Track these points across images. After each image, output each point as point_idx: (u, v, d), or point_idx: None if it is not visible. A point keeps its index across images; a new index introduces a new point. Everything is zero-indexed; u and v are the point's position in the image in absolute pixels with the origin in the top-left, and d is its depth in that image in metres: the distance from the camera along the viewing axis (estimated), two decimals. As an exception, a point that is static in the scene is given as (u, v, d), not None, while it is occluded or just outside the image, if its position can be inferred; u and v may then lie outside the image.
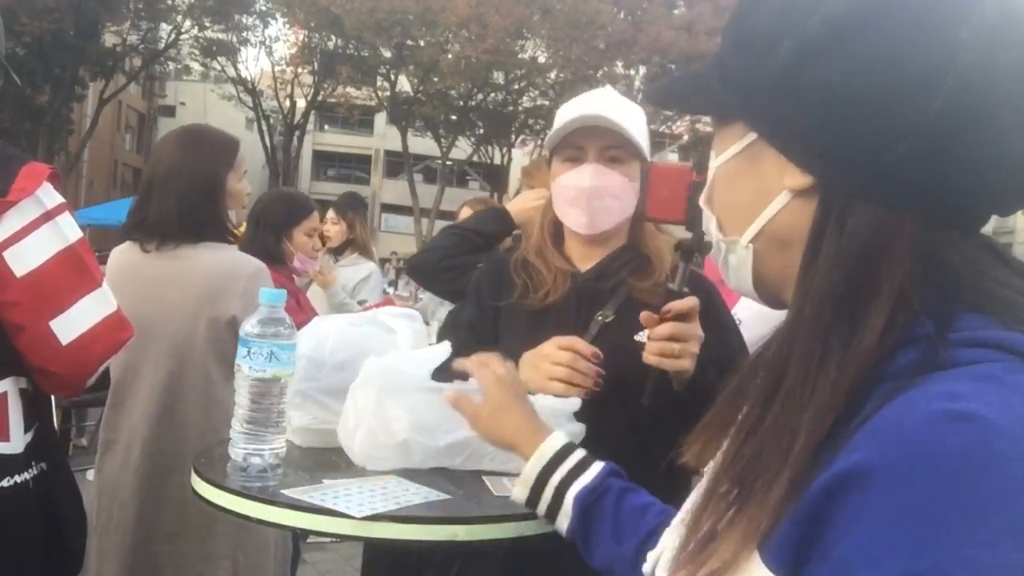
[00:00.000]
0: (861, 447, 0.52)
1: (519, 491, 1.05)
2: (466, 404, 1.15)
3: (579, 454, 1.04)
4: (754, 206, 0.67)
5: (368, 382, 1.29)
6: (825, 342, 0.59)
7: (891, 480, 0.49)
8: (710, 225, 0.74)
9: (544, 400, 1.32)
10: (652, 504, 1.00)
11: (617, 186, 1.63)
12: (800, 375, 0.59)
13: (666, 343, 1.38)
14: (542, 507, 1.03)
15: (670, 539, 0.74)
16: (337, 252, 4.38)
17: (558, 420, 1.27)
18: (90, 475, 4.83)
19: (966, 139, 0.57)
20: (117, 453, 2.10)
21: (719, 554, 0.59)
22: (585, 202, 1.62)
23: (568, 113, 1.66)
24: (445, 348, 1.36)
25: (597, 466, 1.03)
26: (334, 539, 2.28)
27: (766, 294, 0.71)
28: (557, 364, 1.45)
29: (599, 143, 1.62)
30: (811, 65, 0.60)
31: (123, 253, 2.18)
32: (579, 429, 1.29)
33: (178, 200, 2.05)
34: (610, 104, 1.65)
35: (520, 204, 2.36)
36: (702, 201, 0.75)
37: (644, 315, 1.40)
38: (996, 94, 0.56)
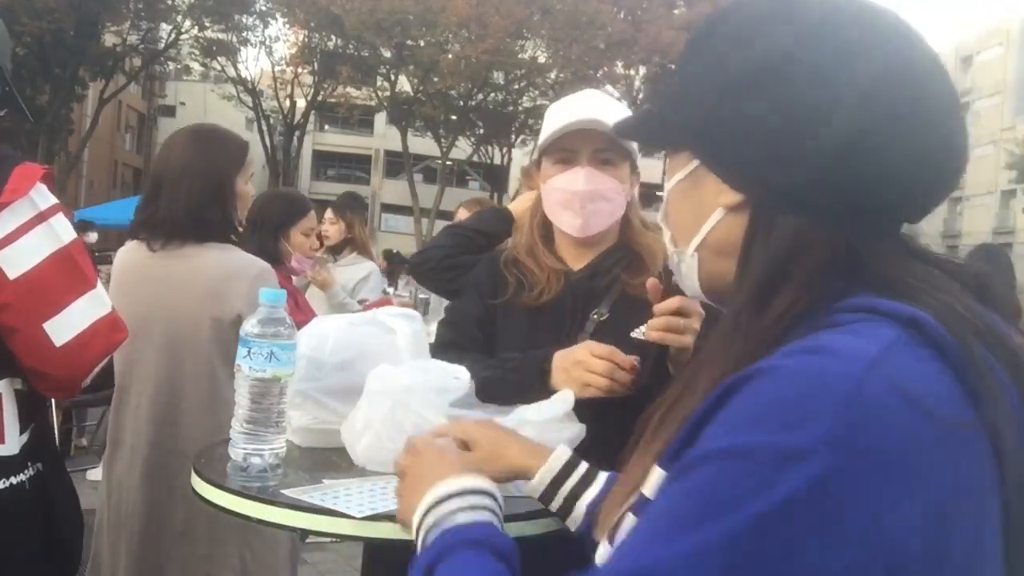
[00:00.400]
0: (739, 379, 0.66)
1: (534, 486, 1.09)
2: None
3: (584, 467, 1.10)
4: (697, 221, 0.80)
5: (386, 393, 1.28)
6: (737, 321, 0.73)
7: (747, 389, 0.64)
8: (665, 238, 0.87)
9: (537, 407, 1.31)
10: None
11: (610, 189, 1.63)
12: (713, 348, 0.74)
13: (672, 317, 1.39)
14: (553, 509, 1.09)
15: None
16: (335, 252, 4.38)
17: (555, 425, 1.27)
18: (90, 475, 4.86)
19: (858, 162, 0.70)
20: (124, 453, 2.10)
21: (631, 476, 0.76)
22: (579, 205, 1.63)
23: (559, 115, 1.66)
24: (464, 375, 1.34)
25: (602, 476, 1.09)
26: (334, 539, 2.28)
27: (712, 295, 0.84)
28: (593, 372, 1.45)
29: (591, 145, 1.62)
30: (737, 103, 0.74)
31: (129, 253, 2.18)
32: (579, 429, 1.29)
33: (188, 199, 2.05)
34: (601, 106, 1.65)
35: (521, 204, 2.37)
36: (659, 218, 0.90)
37: (651, 282, 1.42)
38: (879, 127, 0.70)
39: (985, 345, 0.67)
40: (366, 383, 1.31)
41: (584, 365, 1.46)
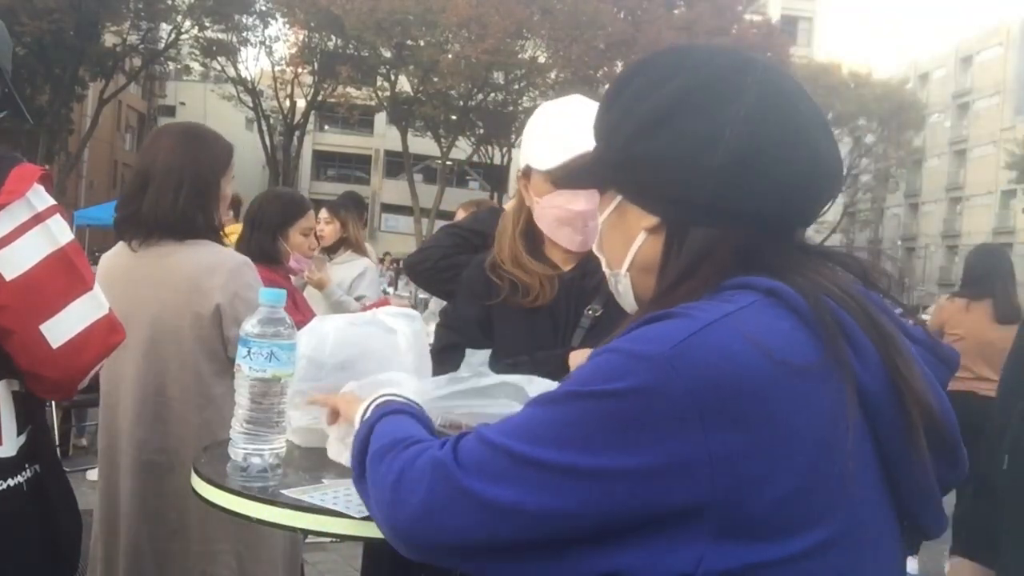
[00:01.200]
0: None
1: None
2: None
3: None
4: (625, 245, 0.94)
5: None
6: (647, 307, 0.88)
7: (619, 343, 0.78)
8: (603, 264, 1.01)
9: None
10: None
11: None
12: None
13: None
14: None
15: None
16: (330, 251, 4.39)
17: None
18: (90, 475, 4.84)
19: (746, 178, 0.84)
20: (114, 455, 2.11)
21: None
22: (581, 224, 1.65)
23: (556, 134, 1.63)
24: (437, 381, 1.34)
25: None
26: (334, 539, 2.28)
27: (644, 308, 0.93)
28: None
29: None
30: (645, 140, 0.88)
31: (112, 257, 2.20)
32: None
33: (175, 199, 2.05)
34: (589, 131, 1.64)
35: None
36: (594, 248, 1.03)
37: None
38: (759, 148, 0.84)
39: (847, 311, 0.81)
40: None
41: None
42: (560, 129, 1.66)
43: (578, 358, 1.53)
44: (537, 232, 1.75)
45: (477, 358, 1.39)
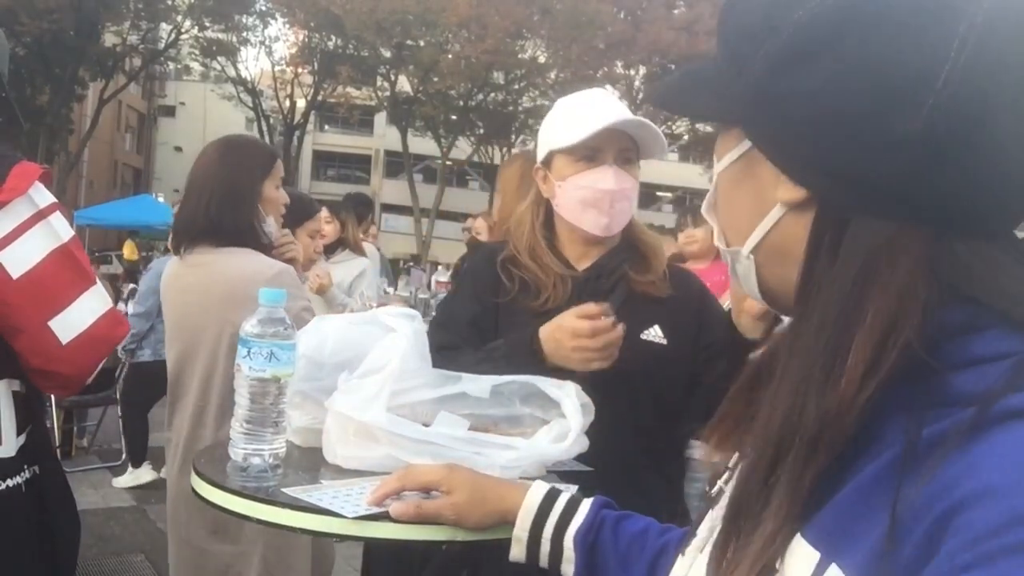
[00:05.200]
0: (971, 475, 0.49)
1: (516, 550, 1.00)
2: (433, 507, 1.01)
3: (565, 497, 1.01)
4: (752, 217, 0.65)
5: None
6: (823, 364, 0.56)
7: (1002, 438, 0.49)
8: (715, 232, 0.71)
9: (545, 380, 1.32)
10: (650, 525, 0.98)
11: (632, 188, 1.65)
12: (784, 418, 0.58)
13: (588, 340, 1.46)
14: (543, 560, 0.99)
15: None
16: (328, 251, 4.41)
17: (563, 397, 1.28)
18: (92, 476, 4.84)
19: (971, 145, 0.53)
20: (171, 451, 2.24)
21: (760, 536, 0.58)
22: (608, 204, 1.62)
23: (583, 115, 1.64)
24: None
25: (587, 503, 1.00)
26: (334, 539, 2.29)
27: (775, 302, 0.69)
28: (581, 339, 1.46)
29: (617, 144, 1.62)
30: (789, 74, 0.57)
31: (167, 268, 2.32)
32: (586, 401, 1.29)
33: (206, 204, 2.12)
34: (621, 107, 1.66)
35: (505, 211, 2.35)
36: (705, 208, 0.73)
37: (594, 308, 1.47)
38: (993, 93, 0.52)
39: None
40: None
41: (568, 331, 1.47)
42: (585, 110, 1.66)
43: (548, 334, 1.50)
44: (553, 229, 1.73)
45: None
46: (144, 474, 5.63)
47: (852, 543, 0.53)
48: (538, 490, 1.02)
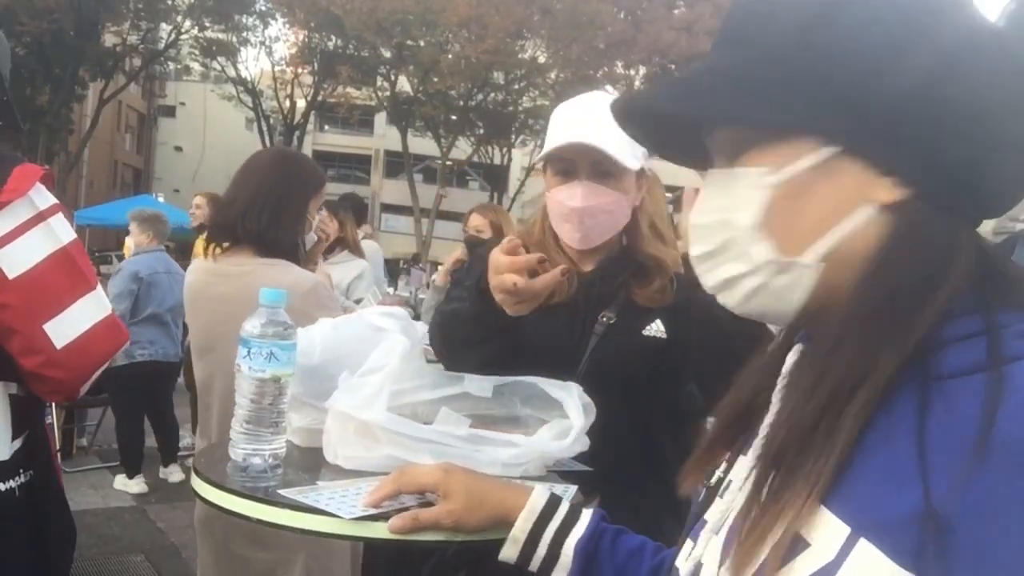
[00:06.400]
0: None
1: (509, 550, 1.00)
2: (431, 517, 1.01)
3: (567, 505, 1.02)
4: (820, 224, 0.64)
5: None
6: (879, 338, 0.60)
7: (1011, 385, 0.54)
8: (751, 247, 0.67)
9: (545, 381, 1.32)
10: (646, 542, 1.00)
11: (609, 202, 1.61)
12: (847, 367, 0.60)
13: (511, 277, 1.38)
14: (535, 563, 0.99)
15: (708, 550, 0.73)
16: (327, 251, 4.40)
17: (565, 398, 1.27)
18: (92, 476, 4.82)
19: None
20: None
21: (784, 515, 0.59)
22: (577, 220, 1.61)
23: (559, 125, 1.62)
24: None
25: (587, 514, 1.02)
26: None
27: (795, 316, 0.68)
28: (497, 276, 1.40)
29: (590, 158, 1.59)
30: (943, 84, 0.60)
31: (193, 274, 2.31)
32: (587, 401, 1.29)
33: (255, 210, 2.13)
34: (595, 123, 1.54)
35: None
36: (751, 226, 0.67)
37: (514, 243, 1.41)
38: None
39: None
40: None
41: (500, 268, 1.39)
42: (561, 121, 1.64)
43: (501, 282, 1.41)
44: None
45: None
46: (135, 486, 5.51)
47: (880, 511, 0.56)
48: (541, 494, 1.02)
